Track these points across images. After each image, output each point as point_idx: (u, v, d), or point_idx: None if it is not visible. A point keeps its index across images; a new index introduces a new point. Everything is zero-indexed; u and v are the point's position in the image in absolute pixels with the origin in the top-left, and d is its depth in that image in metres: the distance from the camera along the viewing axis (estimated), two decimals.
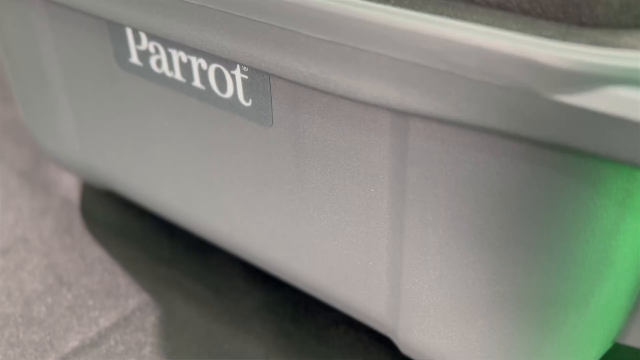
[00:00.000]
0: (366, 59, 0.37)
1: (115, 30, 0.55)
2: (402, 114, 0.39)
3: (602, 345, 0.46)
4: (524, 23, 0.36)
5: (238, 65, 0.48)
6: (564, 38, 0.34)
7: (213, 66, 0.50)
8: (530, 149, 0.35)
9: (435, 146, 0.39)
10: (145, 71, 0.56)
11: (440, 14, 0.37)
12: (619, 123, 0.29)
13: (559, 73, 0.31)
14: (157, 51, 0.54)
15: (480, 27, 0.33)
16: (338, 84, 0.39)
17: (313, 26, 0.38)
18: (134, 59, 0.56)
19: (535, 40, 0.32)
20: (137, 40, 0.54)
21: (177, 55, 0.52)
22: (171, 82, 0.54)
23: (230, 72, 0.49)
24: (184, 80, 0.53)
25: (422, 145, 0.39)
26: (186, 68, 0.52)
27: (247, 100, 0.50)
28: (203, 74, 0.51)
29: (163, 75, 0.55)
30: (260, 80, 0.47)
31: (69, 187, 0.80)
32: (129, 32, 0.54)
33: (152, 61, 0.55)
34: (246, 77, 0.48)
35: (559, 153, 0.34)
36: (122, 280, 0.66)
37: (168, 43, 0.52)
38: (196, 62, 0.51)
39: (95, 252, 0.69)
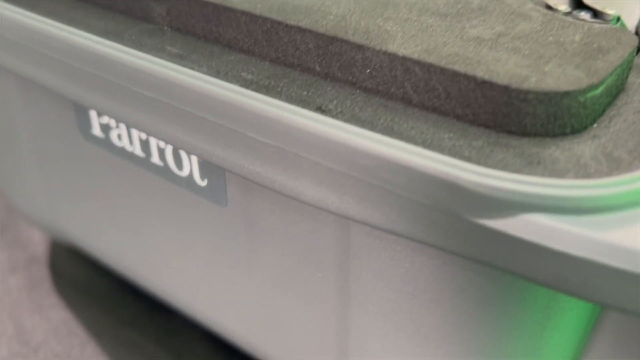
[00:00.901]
0: (307, 166, 0.38)
1: (79, 104, 0.57)
2: None
3: None
4: (456, 130, 0.37)
5: None
6: (491, 149, 0.35)
7: (171, 145, 0.51)
8: (460, 258, 0.36)
9: (375, 243, 0.40)
10: (106, 143, 0.57)
11: (379, 117, 0.39)
12: (532, 248, 0.31)
13: (479, 198, 0.32)
14: (117, 126, 0.55)
15: (411, 147, 0.35)
16: (283, 184, 0.40)
17: (258, 130, 0.39)
18: (96, 131, 0.57)
19: (460, 164, 0.33)
20: (100, 115, 0.56)
21: (137, 132, 0.53)
22: (130, 156, 0.56)
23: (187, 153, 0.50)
24: (143, 155, 0.54)
25: (363, 240, 0.40)
26: (145, 144, 0.54)
27: (202, 179, 0.51)
28: (161, 152, 0.53)
29: (123, 148, 0.56)
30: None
31: (39, 242, 0.80)
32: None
33: (113, 135, 0.56)
34: (202, 159, 0.49)
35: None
36: (86, 344, 0.66)
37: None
38: (155, 140, 0.52)
39: (61, 313, 0.70)
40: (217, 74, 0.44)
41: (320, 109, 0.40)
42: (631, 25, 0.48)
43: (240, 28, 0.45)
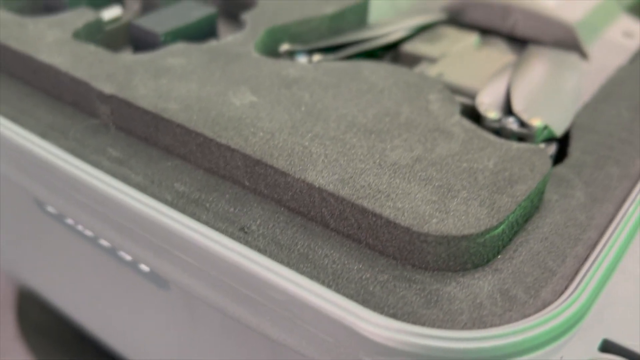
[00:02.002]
0: (226, 287, 0.40)
1: None
2: None
3: None
4: (366, 260, 0.39)
5: None
6: (395, 284, 0.37)
7: None
8: None
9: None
10: (59, 219, 0.59)
11: (297, 242, 0.41)
12: None
13: (372, 343, 0.34)
14: None
15: (316, 287, 0.37)
16: (207, 297, 0.42)
17: (179, 249, 0.42)
18: (51, 209, 0.59)
19: (357, 310, 0.35)
20: None
21: None
22: (81, 234, 0.58)
23: None
24: (92, 235, 0.57)
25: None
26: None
27: (145, 265, 0.53)
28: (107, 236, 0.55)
29: (74, 226, 0.58)
30: None
31: (5, 287, 0.83)
32: None
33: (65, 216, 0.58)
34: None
35: None
36: None
37: None
38: None
39: (26, 358, 0.72)
40: (151, 183, 0.46)
41: (243, 230, 0.42)
42: (559, 129, 0.49)
43: (176, 137, 0.47)
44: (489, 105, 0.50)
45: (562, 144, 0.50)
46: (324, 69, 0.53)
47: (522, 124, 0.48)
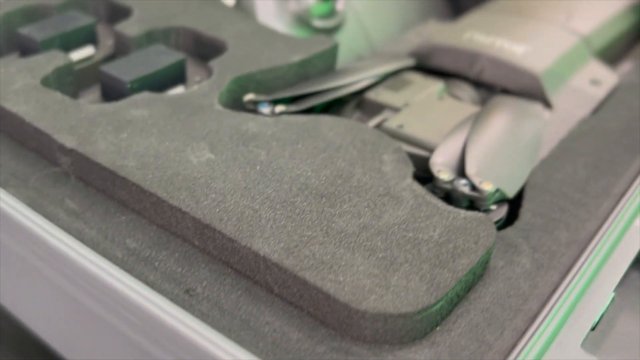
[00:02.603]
0: (167, 345, 0.41)
1: None
2: None
3: None
4: (306, 330, 0.40)
5: None
6: (331, 357, 0.38)
7: None
8: None
9: None
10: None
11: (240, 307, 0.41)
12: None
13: None
14: None
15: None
16: (148, 353, 0.43)
17: (124, 308, 0.42)
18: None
19: None
20: None
21: None
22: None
23: None
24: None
25: None
26: None
27: None
28: None
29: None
30: None
31: None
32: None
33: None
34: None
35: None
36: None
37: None
38: None
39: None
40: (104, 238, 0.47)
41: (188, 292, 0.43)
42: (512, 191, 0.50)
43: (132, 194, 0.48)
44: (442, 165, 0.51)
45: (516, 204, 0.50)
46: (283, 124, 0.53)
47: (474, 187, 0.49)
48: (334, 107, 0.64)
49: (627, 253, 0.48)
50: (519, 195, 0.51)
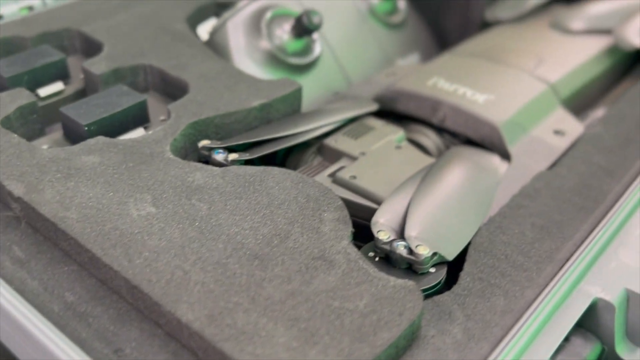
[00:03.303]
0: None
1: None
2: None
3: None
4: None
5: None
6: None
7: None
8: None
9: None
10: None
11: None
12: None
13: None
14: None
15: None
16: None
17: None
18: None
19: None
20: None
21: None
22: None
23: None
24: None
25: None
26: None
27: None
28: None
29: None
30: None
31: None
32: None
33: None
34: None
35: None
36: None
37: None
38: None
39: None
40: (44, 290, 0.47)
41: (117, 352, 0.43)
42: (452, 254, 0.50)
43: (72, 246, 0.48)
44: (385, 224, 0.50)
45: (459, 266, 0.50)
46: (231, 175, 0.53)
47: (411, 250, 0.48)
48: (296, 150, 0.64)
49: (566, 321, 0.47)
50: (462, 257, 0.50)
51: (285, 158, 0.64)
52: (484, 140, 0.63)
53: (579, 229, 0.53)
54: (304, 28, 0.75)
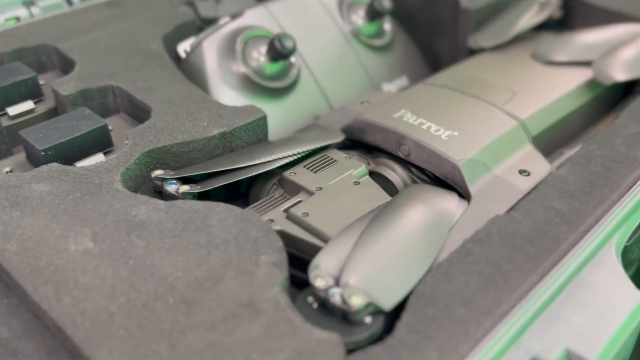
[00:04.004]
0: None
1: None
2: None
3: None
4: None
5: None
6: None
7: None
8: None
9: None
10: None
11: None
12: None
13: None
14: None
15: None
16: None
17: None
18: None
19: None
20: None
21: None
22: None
23: None
24: None
25: None
26: None
27: None
28: None
29: None
30: None
31: None
32: None
33: None
34: None
35: None
36: None
37: None
38: None
39: None
40: None
41: None
42: (390, 303, 0.49)
43: (10, 280, 0.48)
44: (323, 269, 0.50)
45: (395, 316, 0.49)
46: (175, 211, 0.53)
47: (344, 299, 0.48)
48: (259, 180, 0.63)
49: None
50: (402, 306, 0.49)
51: (250, 187, 0.64)
52: (447, 177, 0.62)
53: (526, 280, 0.51)
54: (276, 52, 0.74)
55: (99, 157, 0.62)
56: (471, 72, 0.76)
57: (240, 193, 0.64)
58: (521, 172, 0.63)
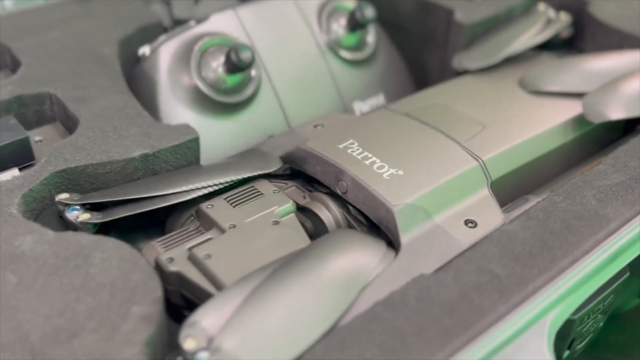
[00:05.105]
0: None
1: None
2: None
3: None
4: None
5: None
6: None
7: None
8: None
9: None
10: None
11: None
12: None
13: None
14: None
15: None
16: None
17: None
18: None
19: None
20: None
21: None
22: None
23: None
24: None
25: None
26: None
27: None
28: None
29: None
30: None
31: None
32: None
33: None
34: None
35: None
36: None
37: None
38: None
39: None
40: None
41: None
42: None
43: None
44: (200, 328, 0.45)
45: None
46: (61, 244, 0.49)
47: None
48: (177, 209, 0.59)
49: None
50: None
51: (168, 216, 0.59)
52: (381, 222, 0.56)
53: (430, 358, 0.45)
54: (232, 64, 0.69)
55: (12, 173, 0.59)
56: (443, 98, 0.69)
57: (160, 220, 0.59)
58: (467, 222, 0.56)
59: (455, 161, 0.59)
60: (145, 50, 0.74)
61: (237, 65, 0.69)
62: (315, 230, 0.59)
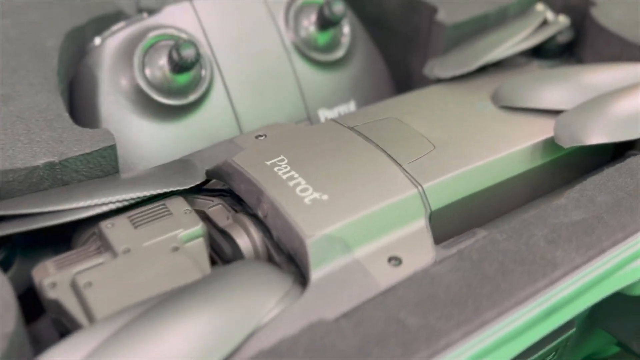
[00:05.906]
0: None
1: None
2: None
3: None
4: None
5: None
6: None
7: None
8: None
9: None
10: None
11: None
12: None
13: None
14: None
15: None
16: None
17: None
18: None
19: None
20: None
21: None
22: None
23: None
24: None
25: None
26: None
27: None
28: None
29: None
30: None
31: None
32: None
33: None
34: None
35: None
36: None
37: None
38: None
39: None
40: None
41: None
42: None
43: None
44: None
45: None
46: None
47: None
48: (82, 224, 0.54)
49: None
50: None
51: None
52: (295, 254, 0.50)
53: None
54: (174, 63, 0.64)
55: None
56: (400, 111, 0.62)
57: (66, 239, 0.55)
58: (391, 259, 0.50)
59: (391, 186, 0.53)
60: (97, 41, 0.70)
61: (178, 63, 0.63)
62: (234, 257, 0.54)
